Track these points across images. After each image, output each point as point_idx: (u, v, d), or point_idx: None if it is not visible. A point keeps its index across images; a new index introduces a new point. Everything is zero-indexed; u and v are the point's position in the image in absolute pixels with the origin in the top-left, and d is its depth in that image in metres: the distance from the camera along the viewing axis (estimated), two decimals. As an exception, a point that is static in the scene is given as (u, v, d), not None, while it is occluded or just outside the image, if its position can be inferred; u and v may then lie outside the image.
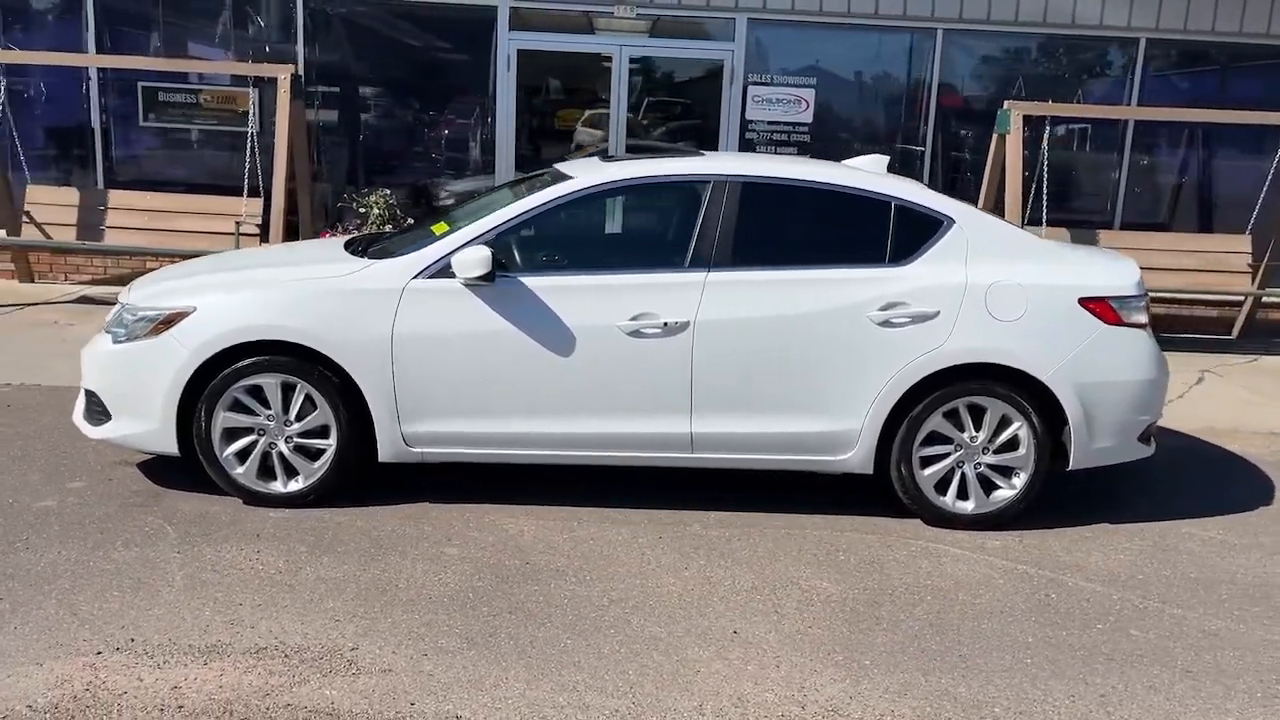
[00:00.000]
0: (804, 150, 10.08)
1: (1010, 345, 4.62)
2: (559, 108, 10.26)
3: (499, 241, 4.64)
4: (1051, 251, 4.90)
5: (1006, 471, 4.77)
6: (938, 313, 4.62)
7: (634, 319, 4.54)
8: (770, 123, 10.09)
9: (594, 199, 4.79)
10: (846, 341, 4.60)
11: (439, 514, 4.68)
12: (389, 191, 9.23)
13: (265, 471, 4.68)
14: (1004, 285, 4.67)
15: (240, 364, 4.54)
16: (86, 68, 9.77)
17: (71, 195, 9.27)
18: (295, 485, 4.67)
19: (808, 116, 10.09)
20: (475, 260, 4.44)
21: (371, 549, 4.29)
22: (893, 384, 4.61)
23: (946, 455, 4.75)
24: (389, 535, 4.43)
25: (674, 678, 3.41)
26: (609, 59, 9.92)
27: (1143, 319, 4.77)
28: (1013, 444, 4.72)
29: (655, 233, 5.07)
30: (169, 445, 4.62)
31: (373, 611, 3.77)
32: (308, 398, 4.59)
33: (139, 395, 4.59)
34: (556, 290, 4.59)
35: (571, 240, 4.97)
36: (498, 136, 9.97)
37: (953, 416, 4.71)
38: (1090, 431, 4.71)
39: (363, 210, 9.08)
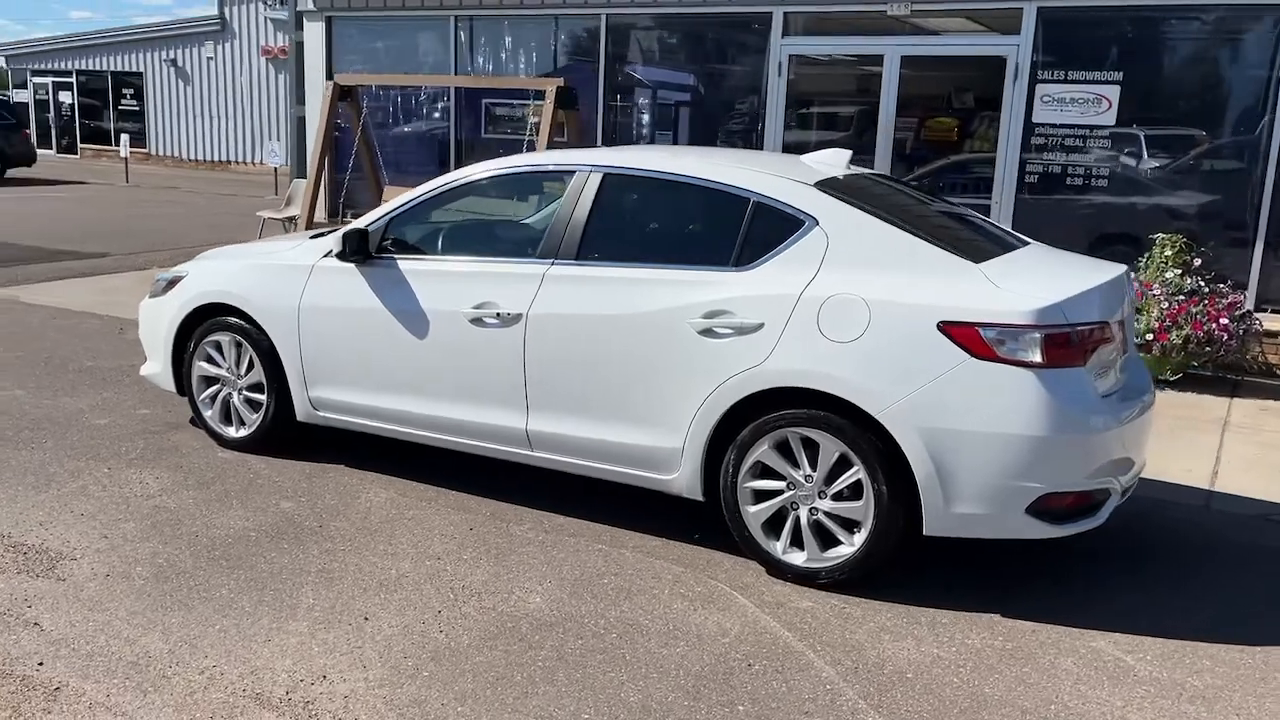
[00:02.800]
0: (1102, 158, 8.64)
1: (838, 370, 3.86)
2: (825, 113, 9.87)
3: (391, 227, 4.92)
4: (942, 263, 3.94)
5: (851, 524, 3.99)
6: (761, 325, 4.01)
7: (477, 307, 4.56)
8: (1061, 126, 8.79)
9: (473, 189, 4.86)
10: (664, 349, 4.18)
11: (332, 475, 5.10)
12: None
13: (229, 418, 5.44)
14: (843, 299, 3.91)
15: (206, 322, 5.35)
16: (449, 88, 11.47)
17: (411, 194, 10.95)
18: (242, 432, 5.38)
19: (1109, 118, 8.61)
20: (336, 241, 4.80)
21: (235, 492, 4.84)
22: (711, 402, 4.10)
23: (779, 493, 4.09)
24: (264, 484, 4.95)
25: (238, 640, 3.51)
26: (879, 60, 9.34)
27: (1034, 357, 3.68)
28: (855, 491, 3.93)
29: (521, 222, 4.95)
30: (170, 384, 5.59)
31: (140, 537, 4.32)
32: (252, 357, 5.26)
33: (154, 342, 5.61)
34: (421, 274, 4.76)
35: (448, 228, 5.05)
36: (765, 143, 9.89)
37: (786, 449, 4.05)
38: (947, 491, 3.77)
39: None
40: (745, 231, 4.18)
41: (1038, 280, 3.95)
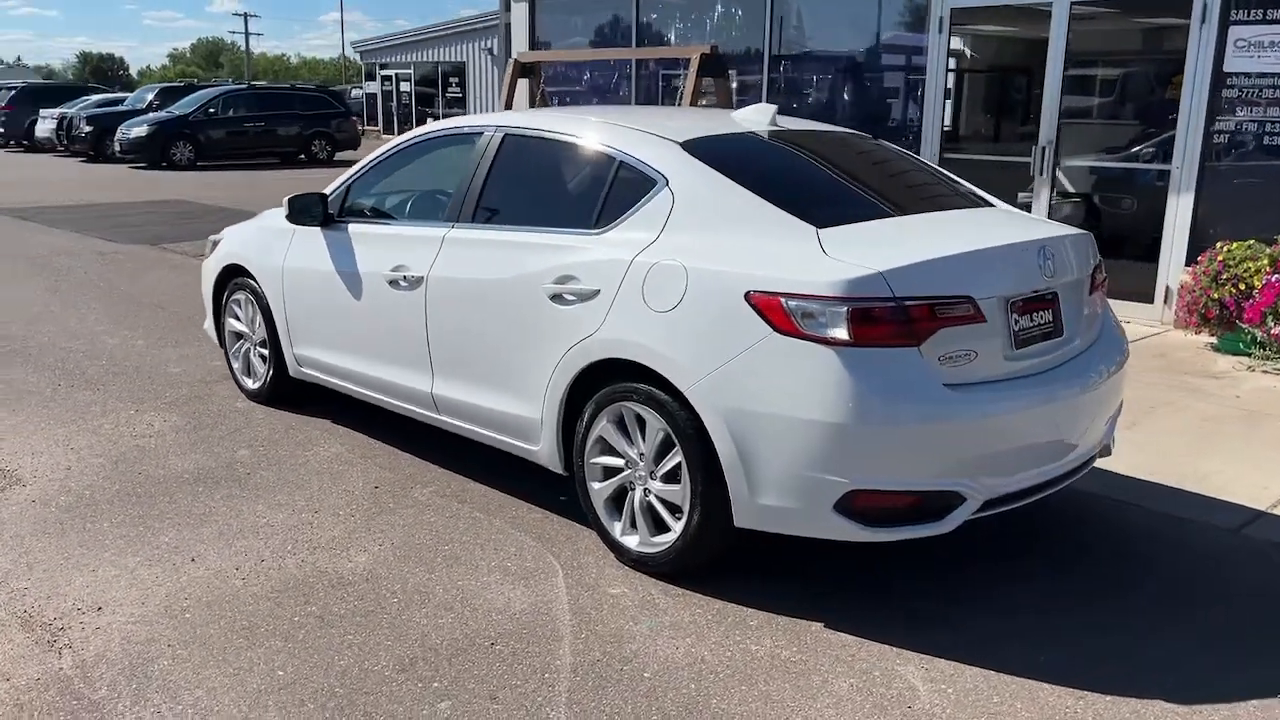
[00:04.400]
0: (1307, 113, 7.26)
1: (654, 342, 3.57)
2: (987, 72, 8.96)
3: (350, 193, 5.09)
4: (776, 227, 3.50)
5: (676, 509, 3.69)
6: (598, 292, 3.78)
7: (394, 269, 4.63)
8: (1260, 75, 7.46)
9: (410, 153, 4.91)
10: (522, 315, 4.04)
11: (308, 428, 5.38)
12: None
13: (249, 371, 5.89)
14: (666, 266, 3.59)
15: (231, 282, 5.81)
16: (629, 60, 11.57)
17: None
18: (255, 385, 5.80)
19: (1316, 64, 7.20)
20: (284, 206, 5.03)
21: (214, 438, 5.23)
22: (559, 371, 3.93)
23: (620, 471, 3.86)
24: (246, 432, 5.31)
25: (72, 568, 3.81)
26: (1047, 11, 8.35)
27: (839, 334, 3.21)
28: (679, 473, 3.64)
29: (442, 186, 4.86)
30: (215, 338, 6.13)
31: (95, 471, 4.77)
32: (259, 315, 5.66)
33: (206, 299, 6.17)
34: (361, 237, 4.90)
35: (390, 192, 5.08)
36: (925, 111, 9.16)
37: (625, 425, 3.81)
38: (751, 479, 3.38)
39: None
40: (607, 192, 3.94)
41: (894, 246, 3.41)
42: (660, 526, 3.71)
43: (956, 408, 3.24)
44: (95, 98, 30.27)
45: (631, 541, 3.79)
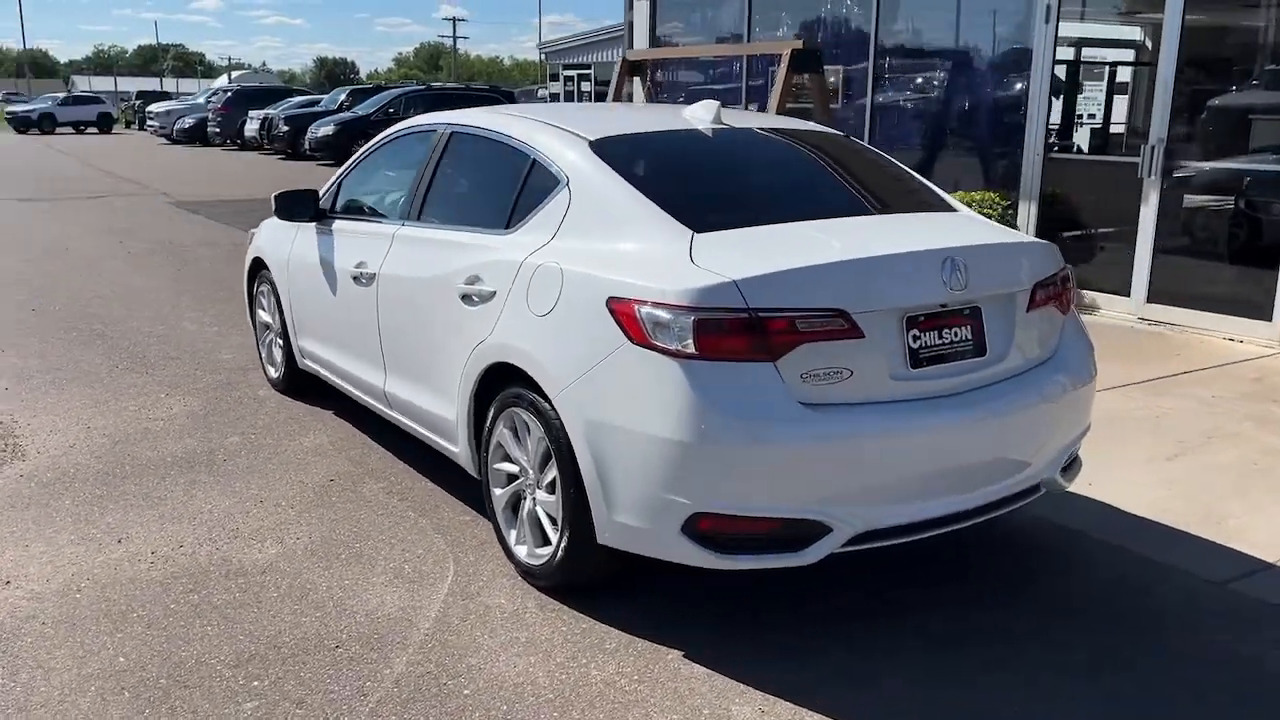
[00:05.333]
0: None
1: (531, 346, 3.44)
2: (1098, 65, 8.26)
3: (340, 190, 5.18)
4: (654, 230, 3.31)
5: (557, 521, 3.55)
6: (495, 293, 3.69)
7: (356, 266, 4.68)
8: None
9: (389, 150, 4.93)
10: (440, 314, 3.99)
11: (310, 417, 5.51)
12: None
13: (272, 360, 6.10)
14: (547, 269, 3.46)
15: (258, 273, 6.03)
16: (742, 56, 11.37)
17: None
18: (275, 374, 6.00)
19: None
20: (272, 201, 5.16)
21: (217, 424, 5.42)
22: (466, 373, 3.86)
23: (517, 478, 3.76)
24: (249, 419, 5.49)
25: (13, 542, 4.04)
26: (1159, -4, 7.62)
27: (686, 345, 2.99)
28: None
29: (407, 182, 4.80)
30: (253, 328, 6.38)
31: (93, 450, 5.03)
32: (275, 305, 5.85)
33: (245, 288, 6.43)
34: (339, 233, 4.97)
35: (368, 189, 5.08)
36: (1029, 106, 8.56)
37: (518, 431, 3.70)
38: (608, 494, 3.21)
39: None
40: (519, 192, 3.84)
41: (773, 253, 3.15)
42: (545, 539, 3.57)
43: (815, 430, 2.96)
44: (297, 99, 32.28)
45: (521, 551, 3.67)
